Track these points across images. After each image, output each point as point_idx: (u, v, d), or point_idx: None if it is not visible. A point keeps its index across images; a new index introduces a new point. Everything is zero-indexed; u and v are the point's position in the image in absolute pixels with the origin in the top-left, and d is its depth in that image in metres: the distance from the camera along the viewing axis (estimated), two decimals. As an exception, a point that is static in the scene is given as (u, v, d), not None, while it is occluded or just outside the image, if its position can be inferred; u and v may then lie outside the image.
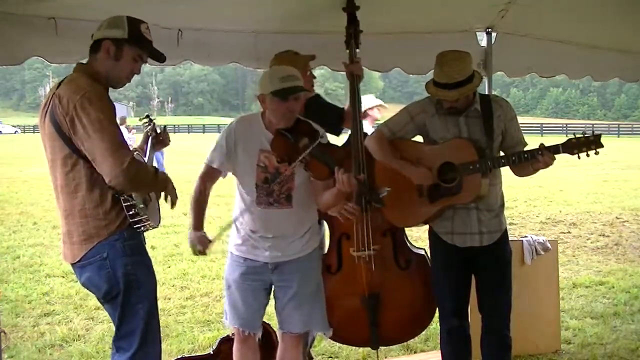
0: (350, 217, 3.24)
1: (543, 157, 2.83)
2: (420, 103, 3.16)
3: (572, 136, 2.83)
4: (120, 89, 2.66)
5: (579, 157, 2.84)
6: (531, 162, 2.89)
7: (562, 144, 2.83)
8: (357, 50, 3.49)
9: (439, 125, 3.07)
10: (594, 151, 2.79)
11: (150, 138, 2.95)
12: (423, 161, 3.06)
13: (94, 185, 2.41)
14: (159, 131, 3.03)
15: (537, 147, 2.88)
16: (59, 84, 2.48)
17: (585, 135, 2.81)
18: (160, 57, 2.67)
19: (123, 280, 2.47)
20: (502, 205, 3.18)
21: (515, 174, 3.13)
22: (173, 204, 2.65)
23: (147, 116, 3.06)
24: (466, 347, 3.24)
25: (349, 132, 3.52)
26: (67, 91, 2.39)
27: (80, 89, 2.38)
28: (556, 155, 2.84)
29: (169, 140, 3.08)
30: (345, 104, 3.65)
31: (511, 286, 3.18)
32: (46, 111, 2.45)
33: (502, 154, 3.10)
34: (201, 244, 2.93)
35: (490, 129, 3.02)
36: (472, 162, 2.93)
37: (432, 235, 3.19)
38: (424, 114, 3.11)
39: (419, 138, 3.20)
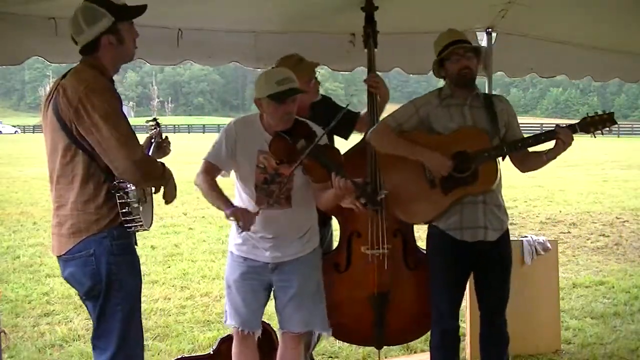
0: (364, 209, 3.19)
1: (561, 136, 2.84)
2: (425, 96, 3.18)
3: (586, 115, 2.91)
4: (120, 89, 2.64)
5: (594, 136, 2.91)
6: (551, 150, 2.90)
7: (578, 123, 2.89)
8: (375, 50, 3.48)
9: (442, 115, 3.05)
10: (607, 128, 2.87)
11: (154, 141, 2.90)
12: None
13: (89, 178, 2.38)
14: (164, 136, 2.98)
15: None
16: (64, 76, 2.45)
17: (599, 114, 2.88)
18: (142, 9, 2.52)
19: (106, 279, 2.41)
20: (503, 202, 3.17)
21: (522, 169, 3.13)
22: (168, 200, 2.62)
23: (155, 119, 3.01)
24: (457, 348, 3.24)
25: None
26: (71, 82, 2.37)
27: (84, 80, 2.35)
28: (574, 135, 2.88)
29: (169, 150, 2.98)
30: (362, 110, 3.60)
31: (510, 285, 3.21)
32: (49, 102, 2.43)
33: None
34: (247, 219, 2.73)
35: (495, 119, 3.02)
36: (487, 150, 2.92)
37: (437, 234, 3.11)
38: (428, 105, 3.10)
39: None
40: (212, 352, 3.60)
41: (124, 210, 2.41)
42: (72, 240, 2.42)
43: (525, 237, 4.26)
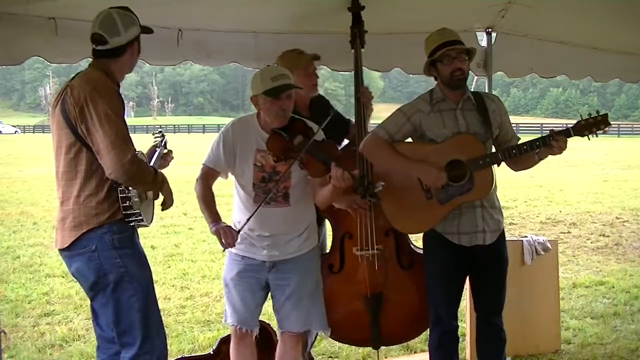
0: (361, 210, 3.20)
1: (557, 142, 2.83)
2: (414, 103, 3.12)
3: (580, 118, 2.88)
4: (120, 89, 2.67)
5: (589, 139, 2.88)
6: (543, 149, 2.89)
7: (573, 127, 2.87)
8: (362, 50, 3.48)
9: (435, 122, 3.01)
10: (602, 130, 2.85)
11: (158, 151, 2.95)
12: (428, 162, 2.97)
13: (93, 174, 2.48)
14: (169, 149, 3.03)
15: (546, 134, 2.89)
16: (74, 77, 2.55)
17: (593, 116, 2.86)
18: (151, 31, 2.74)
19: (113, 273, 2.50)
20: (499, 202, 3.17)
21: (514, 168, 3.13)
22: (165, 206, 2.72)
23: (160, 132, 3.10)
24: (456, 348, 3.24)
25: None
26: (80, 82, 2.48)
27: (92, 81, 2.47)
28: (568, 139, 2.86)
29: (168, 164, 3.04)
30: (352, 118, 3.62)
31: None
32: (58, 101, 2.52)
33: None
34: (229, 237, 2.83)
35: (488, 121, 3.01)
36: (482, 157, 2.91)
37: (434, 237, 3.08)
38: (419, 113, 3.05)
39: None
40: (212, 352, 3.61)
41: (125, 205, 2.50)
42: (74, 234, 2.51)
43: (525, 237, 4.26)
